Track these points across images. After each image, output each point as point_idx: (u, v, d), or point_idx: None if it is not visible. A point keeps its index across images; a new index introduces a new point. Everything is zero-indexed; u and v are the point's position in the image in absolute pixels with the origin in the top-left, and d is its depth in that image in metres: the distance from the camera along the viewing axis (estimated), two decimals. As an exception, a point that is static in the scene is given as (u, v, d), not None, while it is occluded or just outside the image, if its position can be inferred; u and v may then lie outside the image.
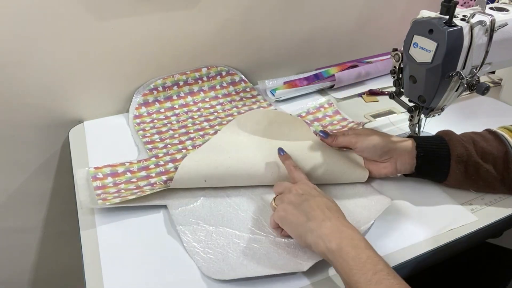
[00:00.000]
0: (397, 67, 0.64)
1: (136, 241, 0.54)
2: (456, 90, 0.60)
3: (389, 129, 0.76)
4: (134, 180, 0.62)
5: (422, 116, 0.65)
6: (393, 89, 0.67)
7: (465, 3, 1.03)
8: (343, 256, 0.44)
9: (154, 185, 0.60)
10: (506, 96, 0.84)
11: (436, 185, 0.62)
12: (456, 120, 0.77)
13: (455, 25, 0.54)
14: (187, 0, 0.75)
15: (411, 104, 0.65)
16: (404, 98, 0.66)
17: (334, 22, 0.93)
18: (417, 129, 0.68)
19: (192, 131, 0.74)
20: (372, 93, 0.88)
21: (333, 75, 0.88)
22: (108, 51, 0.74)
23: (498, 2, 0.65)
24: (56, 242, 0.94)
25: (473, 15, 0.56)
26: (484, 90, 0.56)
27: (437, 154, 0.58)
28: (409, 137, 0.61)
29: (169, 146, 0.70)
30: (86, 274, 0.50)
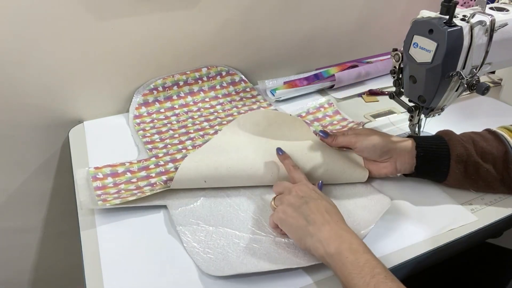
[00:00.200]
0: (397, 67, 0.64)
1: (136, 241, 0.54)
2: (456, 90, 0.60)
3: (389, 129, 0.76)
4: (134, 180, 0.62)
5: (422, 116, 0.65)
6: (393, 89, 0.67)
7: (465, 3, 1.03)
8: (342, 260, 0.44)
9: (154, 185, 0.60)
10: (506, 96, 0.84)
11: (436, 185, 0.62)
12: (456, 120, 0.77)
13: (455, 25, 0.54)
14: (187, 0, 0.75)
15: (411, 104, 0.65)
16: (404, 98, 0.66)
17: (334, 22, 0.93)
18: (417, 129, 0.68)
19: (192, 131, 0.74)
20: (372, 93, 0.88)
21: (333, 75, 0.88)
22: (108, 51, 0.74)
23: (498, 2, 0.65)
24: (56, 242, 0.94)
25: (473, 15, 0.56)
26: (484, 90, 0.56)
27: (437, 154, 0.58)
28: (409, 137, 0.61)
29: (169, 146, 0.70)
30: (86, 274, 0.50)
